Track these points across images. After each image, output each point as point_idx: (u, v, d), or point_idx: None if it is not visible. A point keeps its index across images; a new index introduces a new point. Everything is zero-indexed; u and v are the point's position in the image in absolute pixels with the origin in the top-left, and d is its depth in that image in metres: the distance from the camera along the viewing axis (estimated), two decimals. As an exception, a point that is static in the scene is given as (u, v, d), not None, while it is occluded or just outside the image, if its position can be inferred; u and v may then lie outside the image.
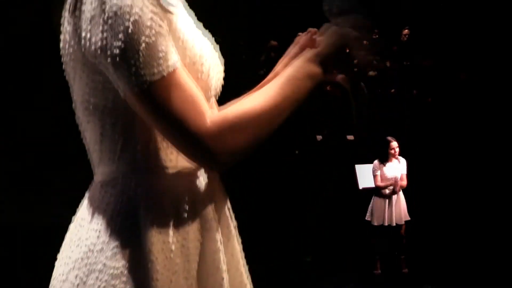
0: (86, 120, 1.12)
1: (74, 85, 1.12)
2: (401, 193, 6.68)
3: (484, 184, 7.49)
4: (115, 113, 1.09)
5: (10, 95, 5.85)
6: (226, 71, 1.31)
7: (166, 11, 1.07)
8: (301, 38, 1.25)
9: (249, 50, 9.95)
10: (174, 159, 1.12)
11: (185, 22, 1.15)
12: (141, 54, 1.01)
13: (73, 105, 1.15)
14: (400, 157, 6.68)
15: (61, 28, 1.11)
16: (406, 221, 6.69)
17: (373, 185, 6.80)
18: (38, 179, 5.64)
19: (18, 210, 5.60)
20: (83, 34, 1.04)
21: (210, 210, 1.15)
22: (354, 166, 7.34)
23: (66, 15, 1.09)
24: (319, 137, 8.89)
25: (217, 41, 1.24)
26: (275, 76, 1.23)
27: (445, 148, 8.15)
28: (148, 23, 1.02)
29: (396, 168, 6.62)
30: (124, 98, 1.05)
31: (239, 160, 1.09)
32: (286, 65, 1.22)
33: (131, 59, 1.01)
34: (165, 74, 1.03)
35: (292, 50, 1.26)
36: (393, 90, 9.26)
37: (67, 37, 1.09)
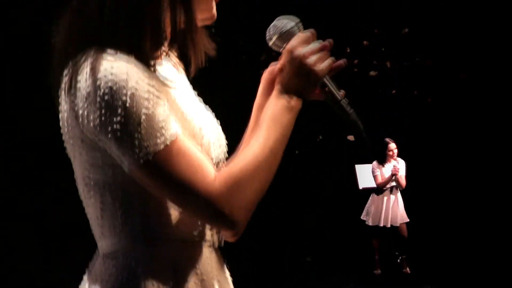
0: (88, 195, 1.13)
1: (74, 162, 1.13)
2: (399, 194, 6.68)
3: (484, 184, 7.49)
4: (114, 188, 1.09)
5: (10, 95, 5.85)
6: (226, 71, 1.32)
7: (163, 84, 1.08)
8: (265, 74, 1.26)
9: (249, 50, 9.95)
10: (175, 231, 1.12)
11: (184, 95, 1.18)
12: (142, 127, 1.02)
13: (75, 180, 1.16)
14: (398, 158, 6.68)
15: (59, 107, 1.12)
16: (406, 222, 6.69)
17: (372, 185, 6.80)
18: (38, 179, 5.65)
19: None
20: (80, 112, 1.04)
21: (211, 282, 1.16)
22: (354, 166, 7.34)
23: (62, 94, 1.09)
24: (319, 138, 8.90)
25: (217, 41, 1.24)
26: (255, 119, 1.27)
27: (445, 149, 8.15)
28: (146, 95, 1.03)
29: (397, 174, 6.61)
30: (130, 173, 1.05)
31: (253, 212, 1.11)
32: (260, 106, 1.25)
33: (132, 132, 1.01)
34: (168, 143, 1.04)
35: (260, 89, 1.27)
36: (394, 91, 9.26)
37: (65, 116, 1.10)
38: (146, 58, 1.08)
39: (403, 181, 6.61)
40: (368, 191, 6.93)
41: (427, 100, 8.94)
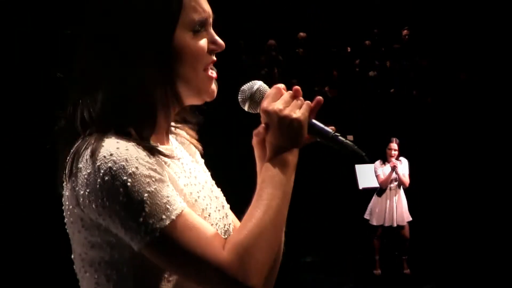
0: (83, 270, 1.14)
1: (73, 238, 1.14)
2: (402, 193, 6.67)
3: (484, 184, 7.49)
4: (111, 267, 1.10)
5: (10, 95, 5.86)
6: (226, 70, 1.33)
7: (164, 166, 1.10)
8: (254, 139, 1.26)
9: (249, 50, 9.95)
10: None
11: (188, 176, 1.19)
12: (145, 204, 1.02)
13: (72, 255, 1.16)
14: (402, 158, 6.66)
15: (63, 192, 1.13)
16: (408, 222, 6.68)
17: (373, 185, 6.79)
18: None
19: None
20: (81, 193, 1.05)
21: None
22: (354, 166, 7.34)
23: (64, 180, 1.11)
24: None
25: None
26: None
27: (444, 149, 8.15)
28: (147, 173, 1.04)
29: (400, 168, 6.60)
30: (139, 252, 1.05)
31: (267, 275, 1.11)
32: (259, 171, 1.25)
33: (136, 211, 1.02)
34: (173, 217, 1.04)
35: (256, 155, 1.27)
36: (392, 90, 9.26)
37: (66, 200, 1.11)
38: (146, 142, 1.09)
39: (405, 179, 6.59)
40: (368, 191, 6.93)
41: (427, 100, 8.94)
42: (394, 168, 6.55)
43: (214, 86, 1.20)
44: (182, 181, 1.16)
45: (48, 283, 5.33)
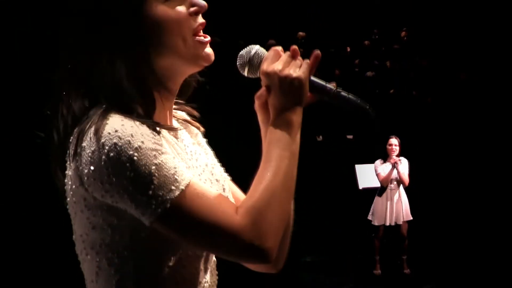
0: (85, 253, 1.13)
1: (75, 219, 1.13)
2: (403, 192, 6.65)
3: (484, 184, 7.49)
4: (112, 250, 1.09)
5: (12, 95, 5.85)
6: (226, 70, 1.33)
7: (168, 142, 1.12)
8: (256, 103, 1.25)
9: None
10: None
11: (190, 157, 1.20)
12: (154, 177, 1.02)
13: (73, 237, 1.16)
14: (402, 158, 6.65)
15: (65, 174, 1.12)
16: (408, 222, 6.67)
17: (373, 185, 6.78)
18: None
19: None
20: (85, 172, 1.04)
21: None
22: (354, 166, 7.33)
23: (68, 160, 1.10)
24: (319, 138, 8.91)
25: (217, 41, 1.24)
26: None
27: (444, 149, 8.15)
28: (152, 146, 1.04)
29: (398, 167, 6.59)
30: (151, 226, 1.05)
31: (281, 237, 1.11)
32: (264, 135, 1.25)
33: (145, 184, 1.02)
34: (183, 187, 1.04)
35: (260, 119, 1.27)
36: (392, 91, 9.27)
37: (69, 180, 1.10)
38: (150, 120, 1.09)
39: (405, 178, 6.58)
40: (368, 191, 6.92)
41: (427, 100, 8.95)
42: (394, 165, 6.53)
43: (208, 50, 1.18)
44: (183, 163, 1.15)
45: (46, 283, 5.33)
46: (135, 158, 1.01)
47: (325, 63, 10.14)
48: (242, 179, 1.37)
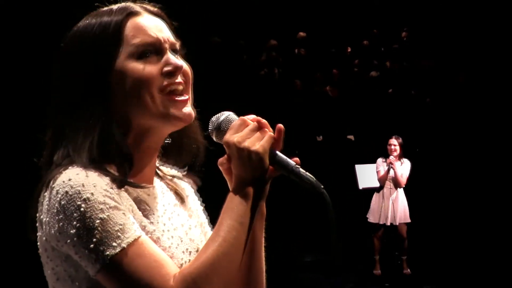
0: None
1: (46, 273, 1.14)
2: (402, 194, 6.65)
3: (484, 185, 7.49)
4: None
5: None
6: (226, 70, 1.32)
7: (126, 196, 1.11)
8: (221, 167, 1.24)
9: (249, 50, 9.95)
10: None
11: (159, 214, 1.20)
12: (97, 231, 1.03)
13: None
14: (405, 159, 6.66)
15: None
16: (407, 223, 6.67)
17: (373, 185, 6.79)
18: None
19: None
20: (43, 219, 1.07)
21: None
22: (354, 166, 7.34)
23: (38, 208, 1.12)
24: (319, 138, 8.90)
25: (217, 41, 1.24)
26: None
27: (444, 149, 8.15)
28: (101, 199, 1.04)
29: (398, 168, 6.59)
30: (94, 277, 1.06)
31: None
32: None
33: (88, 238, 1.03)
34: (124, 245, 1.04)
35: (228, 182, 1.26)
36: (390, 90, 9.27)
37: (38, 229, 1.12)
38: (114, 174, 1.11)
39: (401, 180, 6.58)
40: (368, 191, 6.93)
41: (426, 100, 8.95)
42: (390, 165, 6.55)
43: (186, 109, 1.17)
44: (149, 218, 1.16)
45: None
46: (81, 209, 1.03)
47: (325, 63, 10.14)
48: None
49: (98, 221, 1.03)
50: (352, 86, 9.61)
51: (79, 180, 1.04)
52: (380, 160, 6.72)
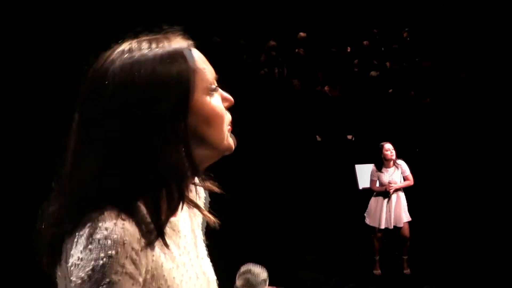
0: None
1: None
2: (402, 194, 6.64)
3: (484, 185, 7.48)
4: None
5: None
6: (226, 70, 1.33)
7: (151, 253, 1.09)
8: None
9: (249, 50, 9.95)
10: None
11: (182, 252, 1.19)
12: None
13: None
14: (399, 161, 6.61)
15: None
16: (408, 222, 6.66)
17: (373, 185, 6.78)
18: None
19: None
20: (70, 278, 1.05)
21: None
22: (354, 166, 7.34)
23: (62, 264, 1.10)
24: (319, 138, 8.91)
25: (217, 41, 1.24)
26: None
27: (444, 149, 8.15)
28: (122, 262, 1.03)
29: (394, 174, 6.56)
30: None
31: None
32: None
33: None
34: None
35: None
36: (390, 91, 9.27)
37: (62, 279, 1.11)
38: (161, 219, 1.09)
39: (409, 182, 6.59)
40: (368, 191, 6.92)
41: (426, 100, 8.95)
42: (388, 192, 6.55)
43: (231, 140, 1.20)
44: (169, 264, 1.14)
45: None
46: (101, 263, 1.02)
47: (325, 63, 10.14)
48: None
49: (107, 279, 1.02)
50: (352, 86, 9.61)
51: (113, 233, 1.02)
52: (374, 169, 6.67)
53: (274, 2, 11.22)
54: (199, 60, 1.16)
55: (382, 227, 6.59)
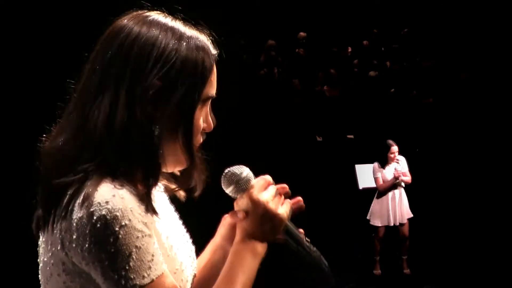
0: None
1: (48, 281, 1.13)
2: (403, 192, 6.64)
3: (485, 184, 7.48)
4: None
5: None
6: (226, 70, 1.33)
7: (152, 218, 1.10)
8: (227, 217, 1.27)
9: (249, 50, 9.95)
10: None
11: (170, 226, 1.21)
12: (131, 259, 1.03)
13: None
14: (399, 156, 6.63)
15: (42, 235, 1.13)
16: (408, 220, 6.65)
17: (373, 185, 6.76)
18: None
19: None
20: (68, 237, 1.05)
21: None
22: (354, 166, 7.33)
23: (51, 219, 1.10)
24: (319, 138, 8.91)
25: (217, 41, 1.24)
26: (209, 255, 1.31)
27: (444, 149, 8.15)
28: (139, 227, 1.04)
29: (398, 167, 6.58)
30: None
31: None
32: (219, 247, 1.30)
33: (120, 264, 1.03)
34: (154, 277, 1.06)
35: (221, 230, 1.29)
36: (392, 90, 9.27)
37: (48, 239, 1.10)
38: (144, 189, 1.11)
39: (408, 179, 6.59)
40: (368, 191, 6.92)
41: (428, 99, 8.95)
42: (397, 178, 6.52)
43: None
44: (165, 234, 1.17)
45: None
46: (119, 236, 1.02)
47: (325, 63, 10.14)
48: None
49: (134, 249, 1.03)
50: (352, 86, 9.60)
51: (117, 205, 1.03)
52: (376, 165, 6.66)
53: (274, 2, 11.22)
54: (215, 70, 1.18)
55: (391, 224, 6.58)
